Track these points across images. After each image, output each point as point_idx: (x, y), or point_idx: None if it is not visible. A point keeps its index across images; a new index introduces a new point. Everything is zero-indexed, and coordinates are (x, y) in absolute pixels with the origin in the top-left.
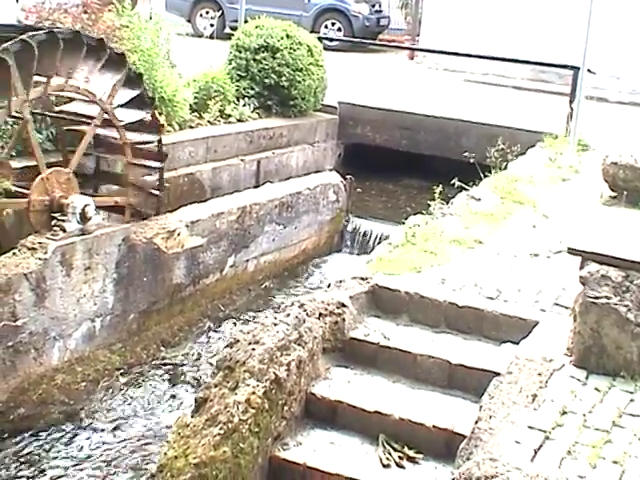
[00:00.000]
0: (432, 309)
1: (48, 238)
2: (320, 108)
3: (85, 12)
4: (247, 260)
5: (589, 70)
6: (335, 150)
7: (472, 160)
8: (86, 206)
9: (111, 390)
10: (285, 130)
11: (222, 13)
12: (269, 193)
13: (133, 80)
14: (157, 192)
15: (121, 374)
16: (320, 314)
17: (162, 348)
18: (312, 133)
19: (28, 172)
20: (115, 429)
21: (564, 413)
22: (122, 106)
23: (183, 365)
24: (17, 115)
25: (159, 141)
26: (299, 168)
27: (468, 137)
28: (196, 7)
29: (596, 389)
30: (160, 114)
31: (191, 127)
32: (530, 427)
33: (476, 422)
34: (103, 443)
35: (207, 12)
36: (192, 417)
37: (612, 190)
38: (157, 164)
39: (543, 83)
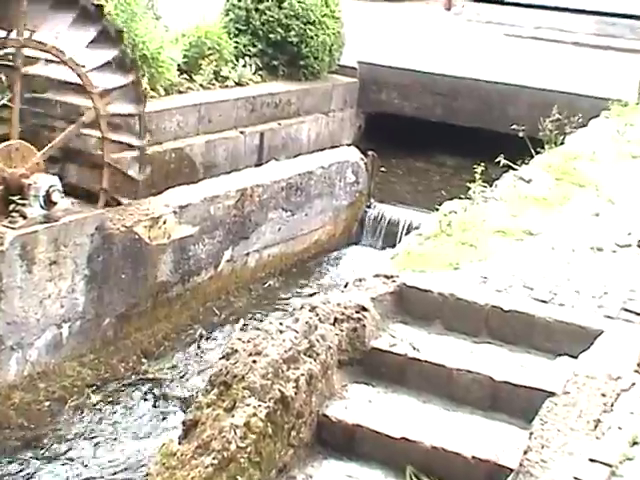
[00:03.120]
0: (471, 314)
1: (5, 226)
2: (336, 69)
3: None
4: (247, 254)
5: None
6: (354, 121)
7: (521, 133)
8: (51, 187)
9: (81, 411)
10: (294, 96)
11: None
12: (274, 173)
13: (111, 38)
14: (137, 176)
15: (93, 391)
16: (335, 319)
17: (144, 360)
18: (327, 100)
19: None
20: (86, 459)
21: (634, 444)
22: (97, 69)
23: (169, 381)
24: None
25: (141, 114)
26: (311, 143)
27: (516, 105)
28: None
29: None
30: (142, 76)
31: (180, 92)
32: (592, 460)
33: (525, 452)
34: (71, 476)
35: None
36: (180, 444)
37: None
38: (138, 142)
39: (610, 38)
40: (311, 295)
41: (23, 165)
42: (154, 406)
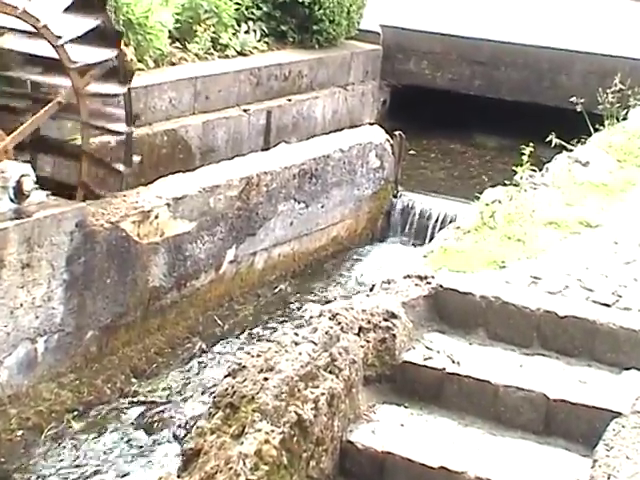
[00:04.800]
0: (520, 321)
1: None
2: (356, 35)
3: None
4: (254, 253)
5: None
6: (378, 95)
7: (577, 107)
8: (23, 177)
9: (60, 441)
10: (306, 67)
11: None
12: (284, 158)
13: (92, 2)
14: (122, 168)
15: (75, 418)
16: (360, 329)
17: (134, 379)
18: (345, 71)
19: None
20: None
21: None
22: (76, 40)
23: (164, 403)
24: None
25: (127, 95)
26: (326, 122)
27: (570, 74)
28: None
29: None
30: (126, 45)
31: (172, 63)
32: None
33: None
34: None
35: None
36: (179, 477)
37: None
38: (124, 128)
39: None
40: (331, 301)
41: None
42: (147, 434)
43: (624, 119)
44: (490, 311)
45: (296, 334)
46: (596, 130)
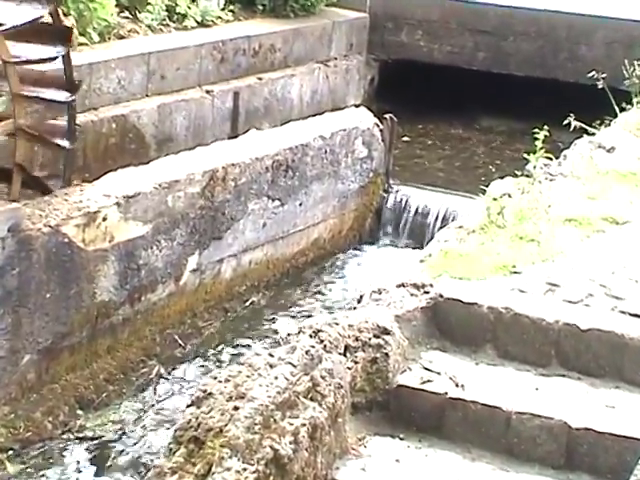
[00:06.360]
0: (536, 335)
1: None
2: (338, 1)
3: None
4: (220, 260)
5: None
6: (364, 72)
7: (599, 83)
8: None
9: None
10: (279, 39)
11: None
12: (255, 147)
13: None
14: (66, 144)
15: (10, 458)
16: (347, 347)
17: (80, 411)
18: (325, 44)
19: None
20: None
21: None
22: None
23: (116, 440)
24: None
25: (66, 57)
26: (304, 104)
27: (591, 44)
28: None
29: None
30: (65, 15)
31: (120, 37)
32: None
33: None
34: None
35: None
36: None
37: None
38: (64, 96)
39: None
40: (312, 315)
41: None
42: (96, 475)
43: None
44: (500, 325)
45: (271, 355)
46: (622, 110)
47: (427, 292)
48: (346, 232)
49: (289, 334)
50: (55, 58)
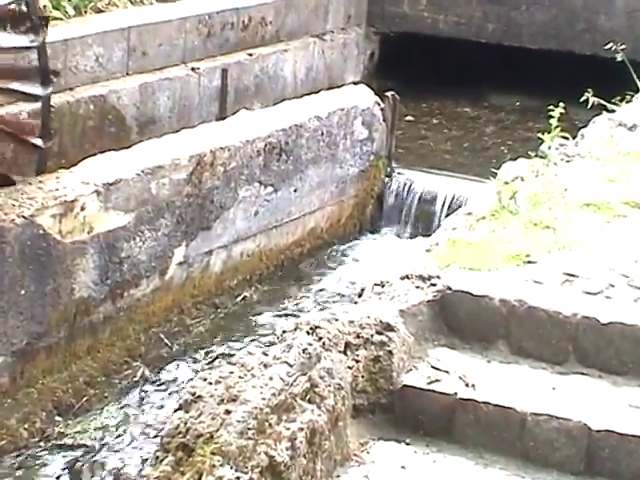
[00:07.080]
0: (552, 330)
1: None
2: None
3: None
4: (209, 252)
5: None
6: (364, 46)
7: (619, 56)
8: None
9: None
10: (270, 11)
11: None
12: (245, 129)
13: None
14: (40, 142)
15: None
16: (347, 345)
17: (58, 418)
18: (320, 16)
19: None
20: None
21: None
22: None
23: (97, 447)
24: None
25: (41, 47)
26: (298, 82)
27: (610, 13)
28: None
29: None
30: None
31: (98, 10)
32: None
33: None
34: None
35: None
36: None
37: None
38: (38, 90)
39: None
40: (309, 311)
41: None
42: None
43: None
44: (513, 319)
45: (265, 354)
46: None
47: (434, 284)
48: (345, 220)
49: (284, 331)
50: (28, 48)
